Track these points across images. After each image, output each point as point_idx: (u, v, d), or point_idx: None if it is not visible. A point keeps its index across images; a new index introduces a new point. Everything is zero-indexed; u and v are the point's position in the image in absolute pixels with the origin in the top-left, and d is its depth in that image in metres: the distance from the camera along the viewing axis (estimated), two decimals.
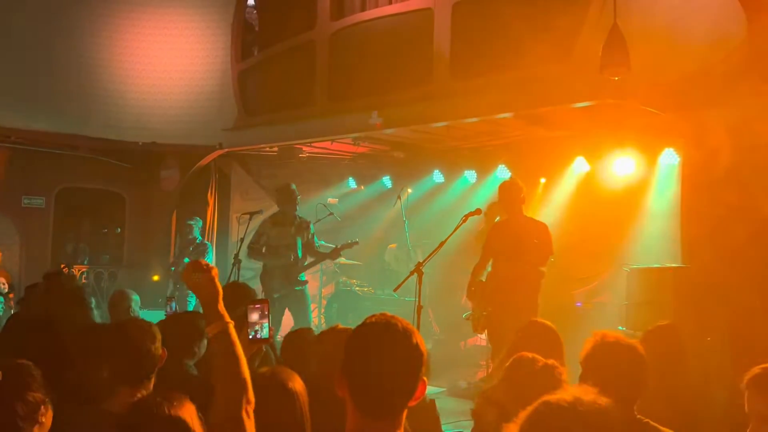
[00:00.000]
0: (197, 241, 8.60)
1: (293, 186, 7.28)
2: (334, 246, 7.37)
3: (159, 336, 2.85)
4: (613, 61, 4.56)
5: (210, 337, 2.05)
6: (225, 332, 2.04)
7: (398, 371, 1.79)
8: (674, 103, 5.49)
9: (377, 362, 1.79)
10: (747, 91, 5.02)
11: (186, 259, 8.38)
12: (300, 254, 7.08)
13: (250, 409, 2.02)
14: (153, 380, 2.77)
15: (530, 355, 2.90)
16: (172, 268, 8.64)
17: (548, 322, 3.79)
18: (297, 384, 2.48)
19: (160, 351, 2.81)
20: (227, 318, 2.06)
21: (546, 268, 5.89)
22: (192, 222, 8.70)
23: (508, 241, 5.87)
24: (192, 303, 7.71)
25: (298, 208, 7.23)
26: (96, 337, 3.04)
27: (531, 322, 3.88)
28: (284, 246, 7.05)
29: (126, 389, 2.68)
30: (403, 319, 1.89)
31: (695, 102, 5.33)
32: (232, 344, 2.03)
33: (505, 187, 6.02)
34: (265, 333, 2.48)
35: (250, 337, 2.46)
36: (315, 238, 7.26)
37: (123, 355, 2.74)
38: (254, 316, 2.48)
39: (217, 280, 2.10)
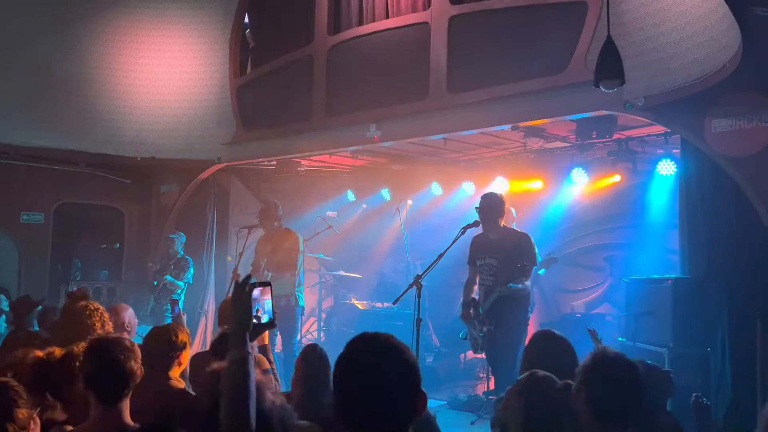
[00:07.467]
0: (178, 256, 8.46)
1: (270, 202, 7.48)
2: (331, 259, 7.33)
3: (138, 353, 2.74)
4: (608, 73, 4.58)
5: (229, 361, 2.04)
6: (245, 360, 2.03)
7: (388, 388, 1.72)
8: (670, 113, 5.52)
9: (363, 380, 1.73)
10: (741, 101, 5.05)
11: (168, 276, 8.25)
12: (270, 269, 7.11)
13: None
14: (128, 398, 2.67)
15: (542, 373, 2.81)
16: (155, 282, 8.43)
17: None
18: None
19: (138, 370, 2.69)
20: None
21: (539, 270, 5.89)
22: (174, 236, 8.55)
23: (489, 253, 5.89)
24: (168, 318, 7.61)
25: (276, 222, 7.35)
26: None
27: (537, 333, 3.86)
28: (264, 261, 7.25)
29: (101, 407, 2.60)
30: (389, 334, 1.83)
31: (691, 112, 5.36)
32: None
33: (486, 199, 6.02)
34: (267, 313, 2.24)
35: (254, 319, 2.21)
36: (294, 253, 7.23)
37: (98, 373, 2.63)
38: (255, 292, 2.25)
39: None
